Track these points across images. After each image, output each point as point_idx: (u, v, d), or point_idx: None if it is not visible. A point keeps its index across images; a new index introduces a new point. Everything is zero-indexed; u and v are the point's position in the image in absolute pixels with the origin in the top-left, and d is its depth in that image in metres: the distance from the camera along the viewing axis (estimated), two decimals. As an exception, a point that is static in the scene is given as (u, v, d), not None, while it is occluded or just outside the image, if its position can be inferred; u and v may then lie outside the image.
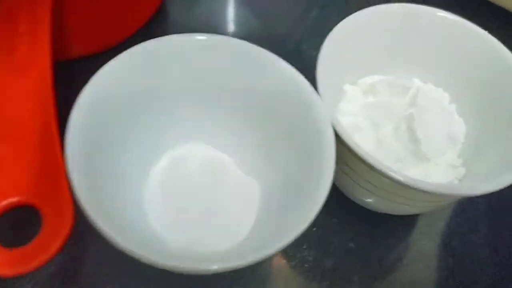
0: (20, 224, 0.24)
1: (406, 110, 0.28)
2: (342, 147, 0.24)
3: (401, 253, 0.30)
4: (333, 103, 0.29)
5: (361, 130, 0.28)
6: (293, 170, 0.26)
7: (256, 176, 0.28)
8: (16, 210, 0.23)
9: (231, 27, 0.41)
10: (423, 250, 0.30)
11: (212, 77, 0.27)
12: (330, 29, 0.28)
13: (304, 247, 0.29)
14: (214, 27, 0.40)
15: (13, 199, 0.22)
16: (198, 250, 0.25)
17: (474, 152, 0.29)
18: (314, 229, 0.30)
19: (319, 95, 0.25)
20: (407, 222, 0.31)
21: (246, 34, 0.40)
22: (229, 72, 0.26)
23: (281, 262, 0.29)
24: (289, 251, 0.29)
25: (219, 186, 0.28)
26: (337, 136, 0.24)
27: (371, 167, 0.23)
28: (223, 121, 0.28)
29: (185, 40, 0.25)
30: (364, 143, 0.27)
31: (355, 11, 0.29)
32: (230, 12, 0.42)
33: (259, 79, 0.26)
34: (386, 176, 0.23)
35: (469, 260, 0.30)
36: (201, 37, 0.26)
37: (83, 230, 0.21)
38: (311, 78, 0.26)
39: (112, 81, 0.24)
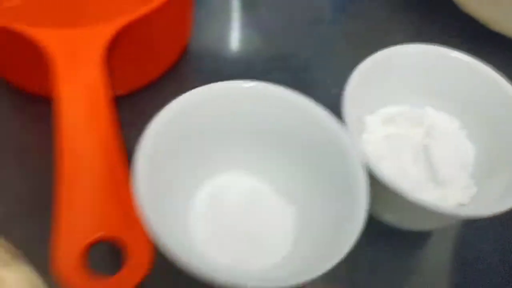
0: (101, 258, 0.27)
1: (422, 141, 0.32)
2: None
3: (421, 262, 0.34)
4: (358, 135, 0.33)
5: (384, 159, 0.31)
6: (329, 204, 0.29)
7: (294, 203, 0.31)
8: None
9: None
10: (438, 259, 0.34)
11: (256, 118, 0.31)
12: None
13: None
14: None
15: (97, 235, 0.26)
16: (243, 268, 0.29)
17: (484, 174, 0.33)
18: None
19: (348, 130, 0.29)
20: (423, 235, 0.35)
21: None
22: (269, 114, 0.30)
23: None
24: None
25: (258, 211, 0.32)
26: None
27: (396, 193, 0.27)
28: (265, 153, 0.32)
29: (234, 87, 0.30)
30: (389, 170, 0.31)
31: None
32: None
33: (297, 124, 0.30)
34: (411, 202, 0.27)
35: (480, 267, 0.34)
36: (247, 84, 0.30)
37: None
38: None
39: (172, 118, 0.28)
